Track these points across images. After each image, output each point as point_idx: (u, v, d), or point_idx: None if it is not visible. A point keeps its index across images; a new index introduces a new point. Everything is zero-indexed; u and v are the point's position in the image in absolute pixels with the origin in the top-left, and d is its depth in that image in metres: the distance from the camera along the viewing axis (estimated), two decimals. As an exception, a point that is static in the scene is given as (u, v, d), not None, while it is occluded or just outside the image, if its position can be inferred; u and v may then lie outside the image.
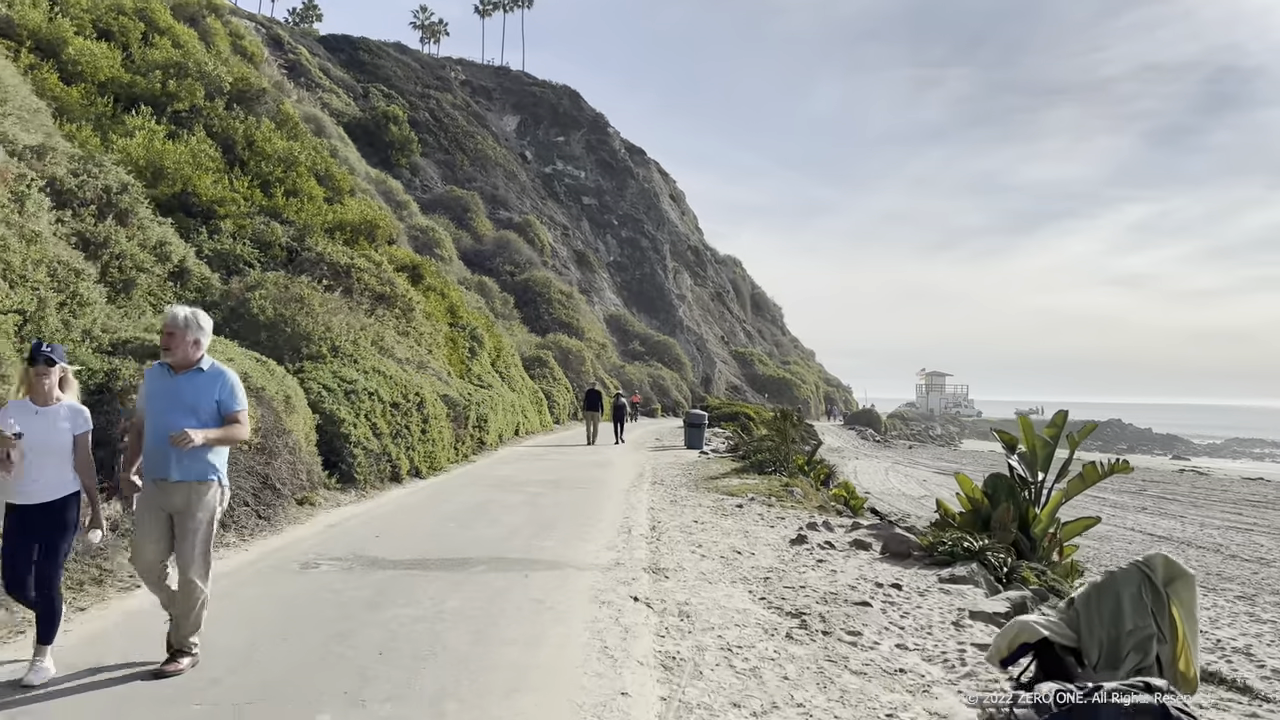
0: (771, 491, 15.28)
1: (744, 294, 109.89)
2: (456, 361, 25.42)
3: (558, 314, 55.40)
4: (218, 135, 23.45)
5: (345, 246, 21.96)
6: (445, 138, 75.34)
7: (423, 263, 26.91)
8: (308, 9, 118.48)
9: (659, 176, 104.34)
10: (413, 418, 15.75)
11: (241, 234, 19.83)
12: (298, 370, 14.54)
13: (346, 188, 26.43)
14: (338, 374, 14.69)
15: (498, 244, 60.37)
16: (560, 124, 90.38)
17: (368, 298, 20.94)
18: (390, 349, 18.46)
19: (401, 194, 55.11)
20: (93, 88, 21.57)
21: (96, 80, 21.91)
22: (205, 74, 24.15)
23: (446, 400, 18.72)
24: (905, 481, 44.47)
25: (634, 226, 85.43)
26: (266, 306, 15.53)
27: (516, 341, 42.95)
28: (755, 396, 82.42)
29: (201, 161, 20.46)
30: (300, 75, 68.90)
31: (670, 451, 25.72)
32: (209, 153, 22.01)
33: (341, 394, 14.14)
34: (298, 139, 26.09)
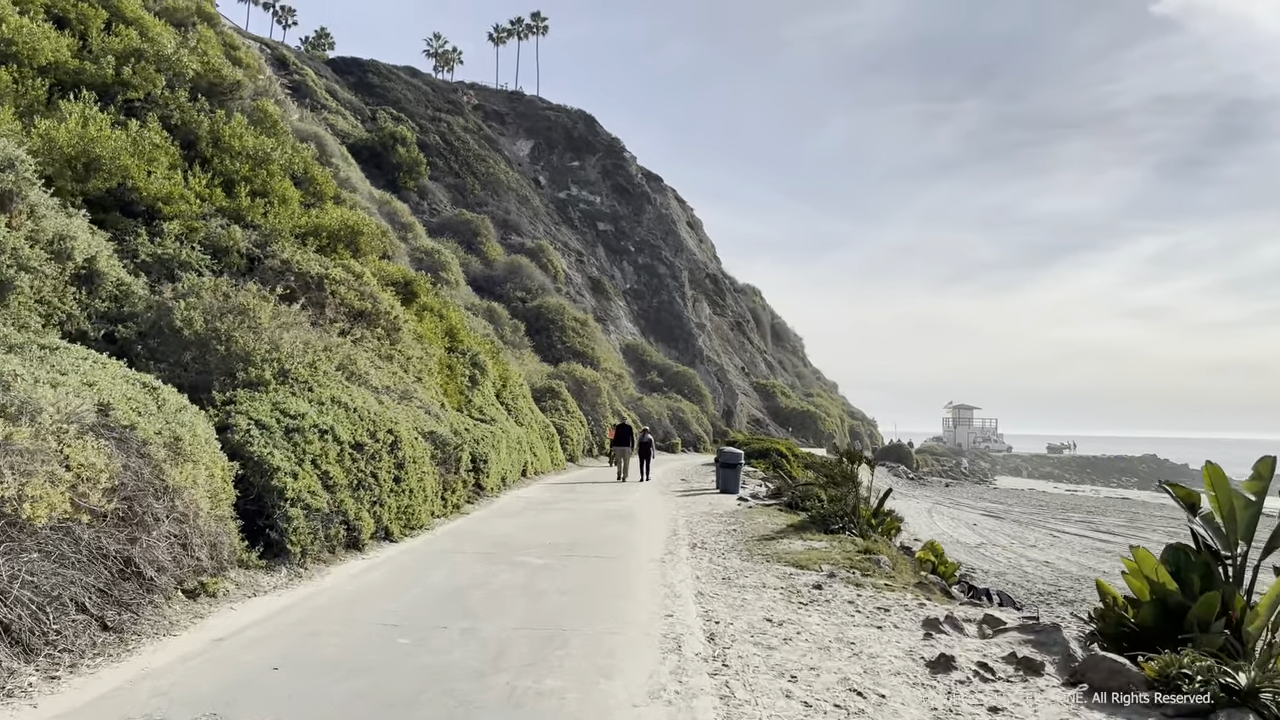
0: (851, 561, 11.56)
1: (764, 324, 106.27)
2: (454, 392, 21.89)
3: (571, 342, 51.91)
4: (177, 129, 20.18)
5: (319, 255, 18.56)
6: (456, 161, 72.52)
7: (417, 278, 23.48)
8: (320, 37, 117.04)
9: (676, 203, 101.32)
10: (382, 462, 12.16)
11: (191, 237, 16.45)
12: (226, 401, 11.02)
13: (330, 192, 23.10)
14: (280, 406, 11.15)
15: (509, 269, 57.11)
16: (575, 149, 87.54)
17: (344, 314, 17.48)
18: (363, 375, 14.93)
19: (407, 216, 52.05)
20: (30, 71, 18.37)
21: (35, 64, 18.70)
22: (167, 61, 20.94)
23: (433, 438, 15.14)
24: (954, 525, 40.48)
25: (651, 253, 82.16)
26: (195, 318, 12.03)
27: (527, 371, 39.45)
28: (778, 430, 78.50)
29: (146, 152, 17.12)
30: (305, 96, 66.44)
31: (702, 497, 22.00)
32: (162, 145, 18.71)
33: (280, 433, 10.59)
34: (275, 137, 22.80)
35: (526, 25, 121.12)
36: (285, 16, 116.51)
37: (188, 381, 11.63)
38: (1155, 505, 60.73)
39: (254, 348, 12.11)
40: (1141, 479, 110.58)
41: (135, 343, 11.75)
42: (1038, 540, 37.26)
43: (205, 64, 22.62)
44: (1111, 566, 29.79)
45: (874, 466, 15.74)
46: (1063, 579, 26.63)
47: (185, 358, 11.62)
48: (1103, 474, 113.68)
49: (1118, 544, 36.81)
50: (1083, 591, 24.51)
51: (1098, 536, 39.07)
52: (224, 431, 10.23)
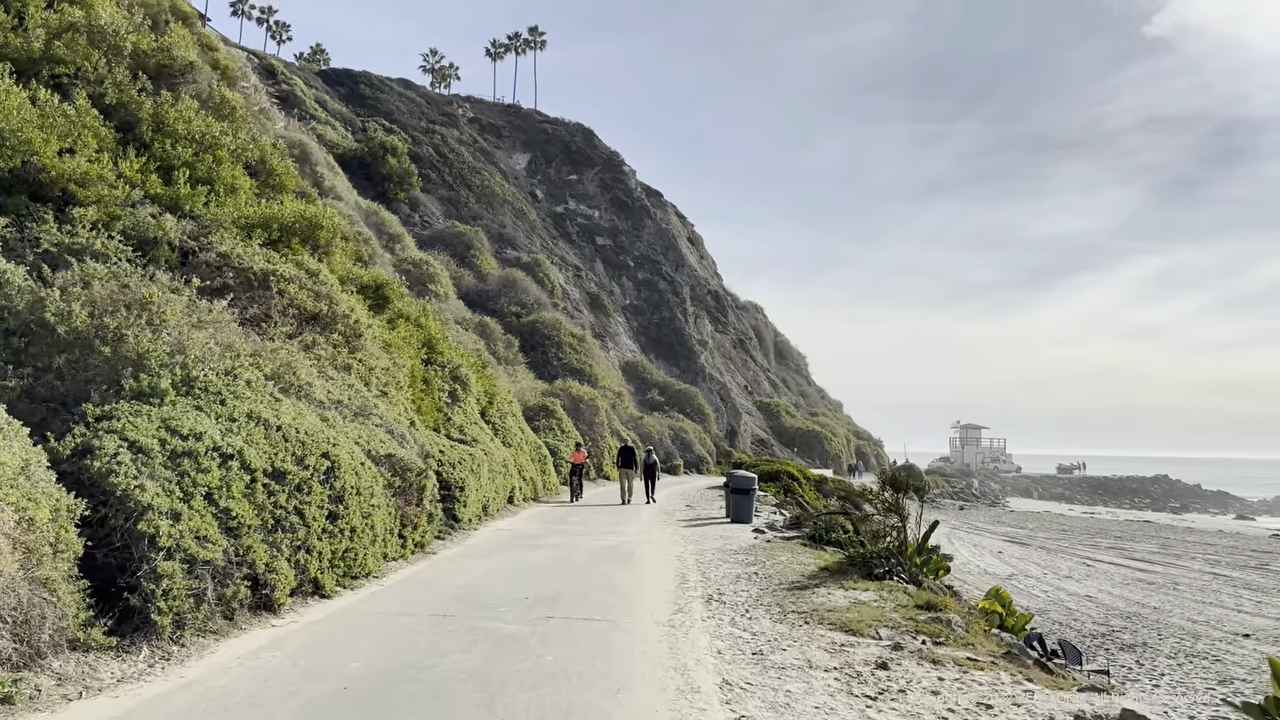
0: (915, 623, 8.91)
1: (767, 341, 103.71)
2: (429, 409, 19.28)
3: (568, 359, 49.33)
4: (113, 109, 17.66)
5: (268, 250, 16.01)
6: (449, 173, 70.25)
7: (390, 282, 20.93)
8: (315, 53, 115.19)
9: (676, 219, 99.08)
10: (311, 495, 9.53)
11: (112, 226, 13.90)
12: (101, 417, 8.41)
13: (291, 185, 20.58)
14: (171, 423, 8.53)
15: (503, 283, 54.64)
16: (573, 162, 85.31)
17: (292, 316, 14.90)
18: (305, 385, 12.31)
19: (396, 227, 49.67)
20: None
21: (-58, 31, 16.27)
22: (103, 35, 18.47)
23: (390, 463, 12.51)
24: (978, 553, 37.69)
25: (651, 268, 79.71)
26: (75, 312, 9.43)
27: (520, 388, 36.84)
28: (783, 450, 75.79)
29: (60, 128, 14.59)
30: (294, 106, 64.33)
31: (712, 527, 19.33)
32: (90, 125, 16.20)
33: (162, 459, 7.97)
34: (232, 123, 20.31)
35: (524, 40, 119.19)
36: (280, 32, 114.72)
37: (58, 392, 9.05)
38: (1182, 529, 57.95)
39: (150, 349, 9.50)
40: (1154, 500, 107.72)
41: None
42: (1071, 570, 34.50)
43: (154, 43, 20.16)
44: (1161, 601, 27.05)
45: (924, 496, 13.13)
46: (1112, 616, 23.92)
47: (58, 362, 9.02)
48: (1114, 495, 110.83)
49: (1157, 574, 34.07)
50: (1139, 632, 21.82)
51: (1134, 565, 36.31)
52: (83, 458, 7.63)
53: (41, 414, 8.83)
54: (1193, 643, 20.83)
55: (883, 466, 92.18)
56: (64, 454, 7.67)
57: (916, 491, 12.96)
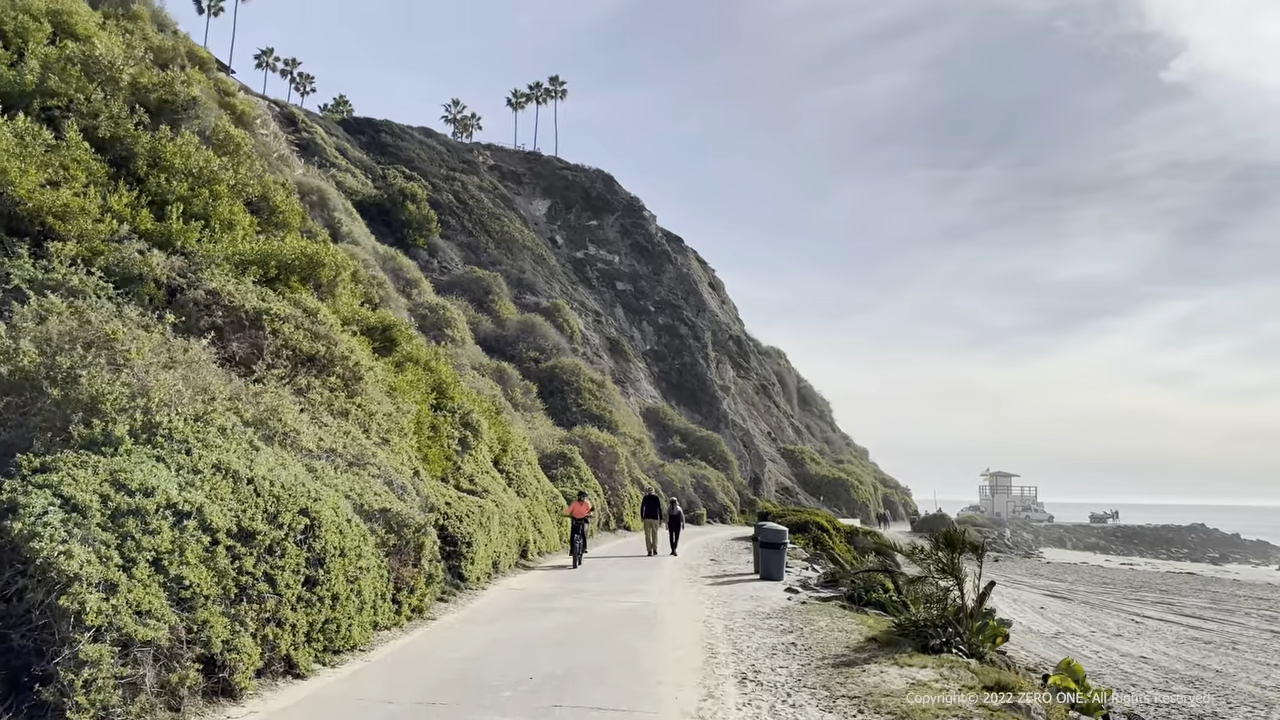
0: (986, 710, 7.52)
1: (790, 387, 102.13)
2: (437, 457, 18.08)
3: (588, 405, 48.13)
4: (107, 143, 16.87)
5: (264, 287, 15.00)
6: (469, 219, 69.92)
7: (398, 323, 19.88)
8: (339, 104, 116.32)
9: (697, 264, 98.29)
10: (285, 558, 8.31)
11: (93, 261, 12.91)
12: (39, 469, 7.27)
13: (295, 222, 19.67)
14: (120, 476, 7.37)
15: (521, 328, 53.70)
16: (593, 208, 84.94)
17: (286, 358, 13.82)
18: (291, 432, 11.14)
19: (413, 272, 48.98)
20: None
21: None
22: (99, 67, 17.76)
23: (385, 519, 11.28)
24: (1019, 609, 35.74)
25: (672, 313, 78.71)
26: (22, 350, 8.34)
27: (537, 435, 35.62)
28: (808, 499, 73.90)
29: (37, 156, 13.72)
30: (314, 154, 64.37)
31: (740, 585, 17.89)
32: (81, 158, 15.36)
33: (101, 518, 6.80)
34: (234, 158, 19.48)
35: (545, 90, 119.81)
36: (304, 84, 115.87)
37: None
38: (1228, 582, 55.41)
39: (106, 392, 8.38)
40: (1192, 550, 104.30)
41: (-74, 384, 8.08)
42: (1120, 627, 32.53)
43: (155, 78, 19.45)
44: (1222, 662, 25.13)
45: (983, 555, 11.72)
46: (1173, 680, 22.11)
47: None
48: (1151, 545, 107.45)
49: (1212, 632, 32.04)
50: (1205, 700, 20.03)
51: (1185, 622, 34.27)
52: (4, 518, 6.47)
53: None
54: (1266, 712, 19.05)
55: (912, 515, 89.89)
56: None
57: (974, 550, 11.54)
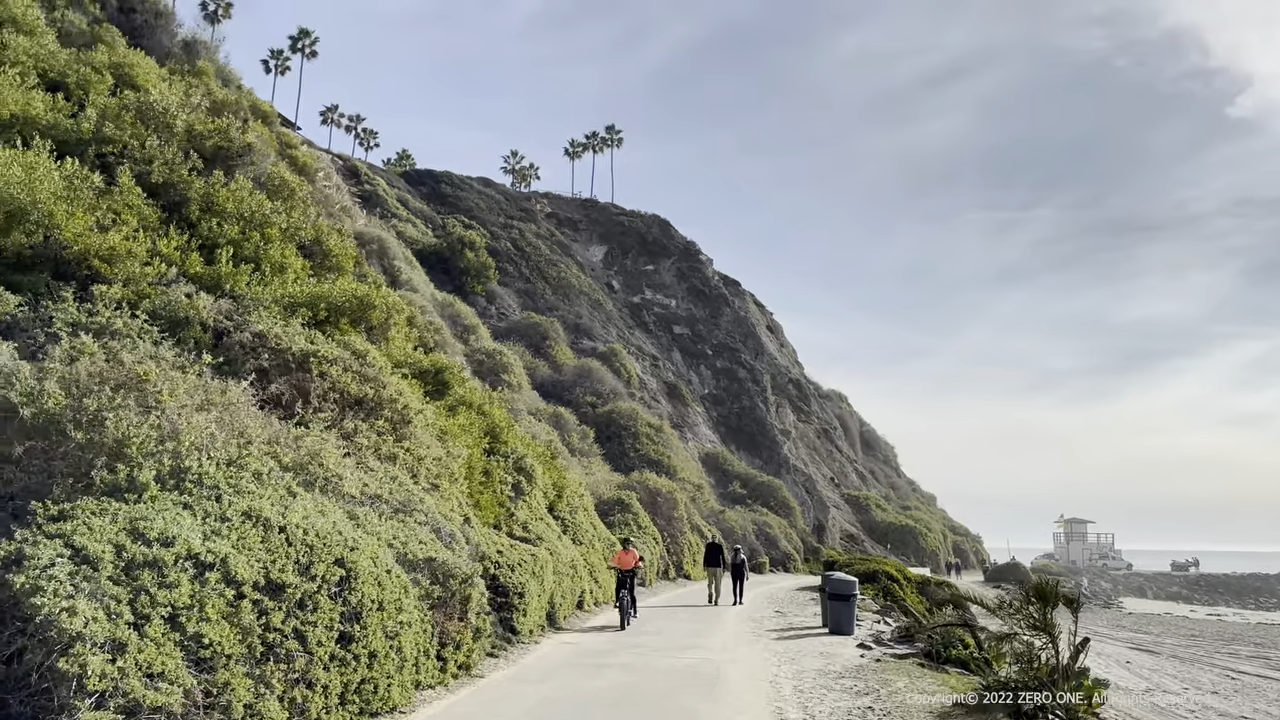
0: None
1: (853, 431, 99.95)
2: (490, 503, 17.50)
3: (645, 450, 47.36)
4: (160, 188, 16.89)
5: (313, 329, 14.68)
6: (526, 266, 70.27)
7: (450, 366, 19.47)
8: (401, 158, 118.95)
9: (755, 307, 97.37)
10: (318, 613, 7.71)
11: (139, 305, 12.71)
12: (55, 517, 6.80)
13: (348, 265, 19.49)
14: (139, 525, 6.86)
15: (578, 373, 53.37)
16: (649, 252, 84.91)
17: (333, 401, 13.40)
18: (333, 477, 10.63)
19: (471, 318, 49.08)
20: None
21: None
22: (154, 115, 17.88)
23: (429, 569, 10.65)
24: (1104, 663, 33.60)
25: (730, 357, 77.79)
26: (47, 392, 7.96)
27: (594, 481, 34.95)
28: (874, 547, 71.69)
29: (85, 200, 13.64)
30: (376, 205, 65.47)
31: (808, 639, 16.84)
32: (133, 203, 15.34)
33: (113, 570, 6.28)
34: (287, 202, 19.43)
35: (601, 139, 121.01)
36: (367, 139, 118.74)
37: (18, 487, 7.50)
38: (1329, 634, 51.83)
39: (132, 435, 7.94)
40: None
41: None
42: (1215, 684, 30.31)
43: (210, 125, 19.57)
44: (1336, 725, 23.05)
45: (1078, 610, 10.65)
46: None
47: (15, 451, 7.49)
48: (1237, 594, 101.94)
49: (1318, 689, 29.65)
50: (1325, 770, 18.26)
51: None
52: (9, 570, 5.98)
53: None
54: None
55: (984, 564, 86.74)
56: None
57: (1068, 604, 10.48)
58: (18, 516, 7.20)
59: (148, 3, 37.69)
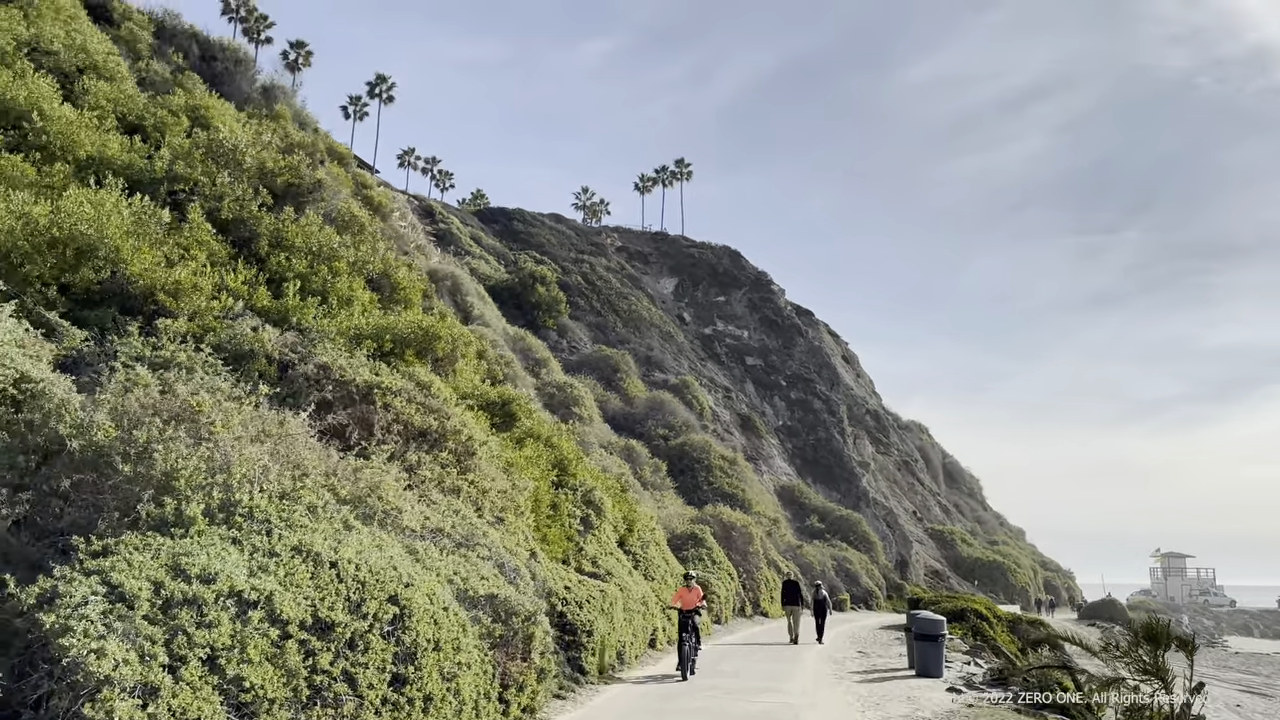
0: None
1: (935, 463, 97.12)
2: (558, 537, 17.05)
3: (719, 483, 46.49)
4: (230, 225, 17.06)
5: (378, 361, 14.51)
6: (597, 300, 70.40)
7: (517, 398, 19.18)
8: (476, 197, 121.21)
9: (829, 337, 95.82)
10: (370, 653, 7.29)
11: (204, 338, 12.68)
12: (97, 553, 6.54)
13: (416, 298, 19.41)
14: (181, 561, 6.55)
15: (650, 406, 52.89)
16: (720, 284, 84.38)
17: (397, 433, 13.14)
18: (392, 510, 10.29)
19: (542, 352, 49.12)
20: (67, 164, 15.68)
21: (74, 156, 16.11)
22: (225, 153, 18.14)
23: (491, 606, 10.19)
24: (1211, 706, 31.36)
25: (805, 387, 76.46)
26: (97, 423, 7.78)
27: (666, 514, 34.29)
28: (960, 583, 69.11)
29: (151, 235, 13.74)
30: (450, 243, 66.50)
31: (893, 682, 15.88)
32: (204, 239, 15.48)
33: (149, 609, 5.95)
34: (355, 236, 19.49)
35: (671, 172, 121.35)
36: (443, 180, 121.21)
37: (65, 522, 7.28)
38: None
39: (181, 468, 7.69)
40: None
41: (2, 462, 7.55)
42: (1342, 733, 27.99)
43: (281, 162, 19.80)
44: None
45: (1193, 652, 9.65)
46: None
47: (62, 485, 7.28)
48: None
49: None
50: None
51: None
52: (41, 608, 5.69)
53: (43, 550, 7.08)
54: None
55: (1077, 601, 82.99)
56: (24, 605, 5.77)
57: (1182, 646, 9.49)
58: (65, 552, 6.97)
59: (228, 51, 38.97)
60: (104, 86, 19.51)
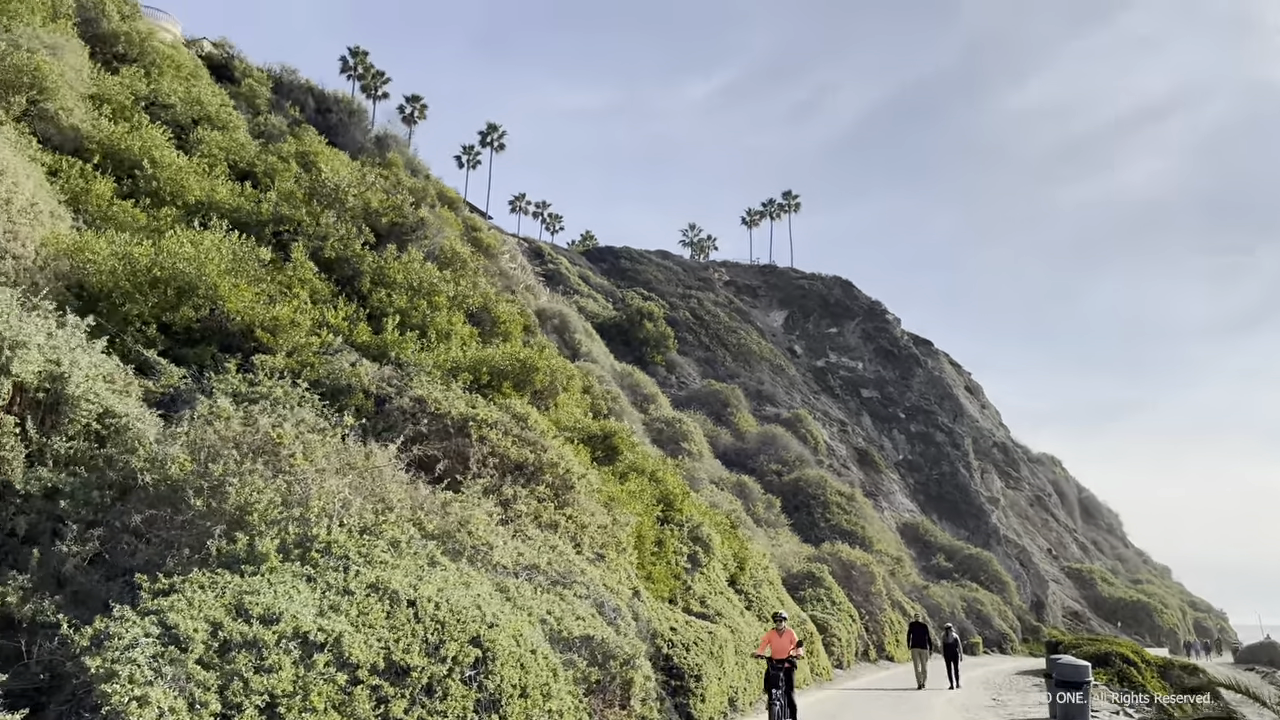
0: None
1: (1069, 498, 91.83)
2: (663, 575, 16.28)
3: (836, 520, 44.79)
4: (334, 263, 17.19)
5: (474, 394, 14.17)
6: (706, 335, 69.74)
7: (618, 431, 18.59)
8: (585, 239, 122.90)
9: (950, 367, 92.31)
10: (450, 699, 6.70)
11: (301, 373, 12.57)
12: (162, 591, 6.19)
13: (517, 331, 19.16)
14: (244, 600, 6.13)
15: (762, 440, 51.64)
16: (832, 315, 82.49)
17: (493, 466, 12.71)
18: (482, 546, 9.77)
19: (650, 387, 48.70)
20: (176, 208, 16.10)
21: (183, 201, 16.55)
22: (327, 194, 18.38)
23: (588, 648, 9.51)
24: None
25: (925, 420, 73.56)
26: (172, 457, 7.52)
27: (781, 552, 33.02)
28: (1102, 625, 64.60)
29: (249, 272, 13.81)
30: (558, 283, 67.24)
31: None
32: (306, 278, 15.58)
33: (204, 653, 5.51)
34: (456, 272, 19.44)
35: (778, 205, 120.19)
36: (553, 223, 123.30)
37: (138, 560, 7.00)
38: None
39: (254, 502, 7.34)
40: None
41: (78, 497, 7.35)
42: None
43: (385, 202, 19.99)
44: None
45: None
46: None
47: (133, 520, 7.01)
48: None
49: None
50: None
51: None
52: (88, 653, 5.32)
53: (115, 589, 6.79)
54: None
55: (1232, 644, 76.45)
56: (78, 646, 5.42)
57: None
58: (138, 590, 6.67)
59: (342, 103, 40.42)
60: (216, 136, 20.17)
